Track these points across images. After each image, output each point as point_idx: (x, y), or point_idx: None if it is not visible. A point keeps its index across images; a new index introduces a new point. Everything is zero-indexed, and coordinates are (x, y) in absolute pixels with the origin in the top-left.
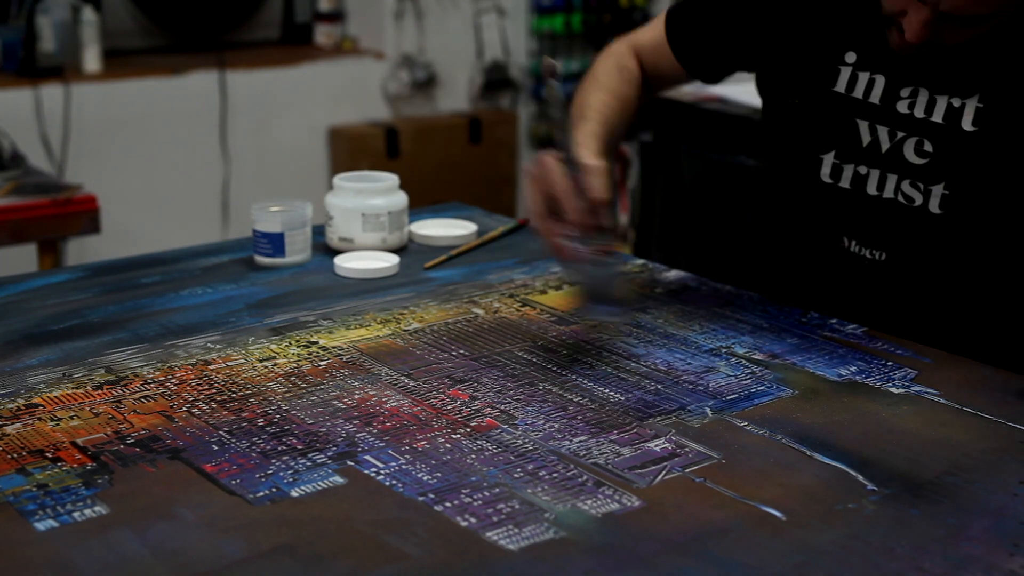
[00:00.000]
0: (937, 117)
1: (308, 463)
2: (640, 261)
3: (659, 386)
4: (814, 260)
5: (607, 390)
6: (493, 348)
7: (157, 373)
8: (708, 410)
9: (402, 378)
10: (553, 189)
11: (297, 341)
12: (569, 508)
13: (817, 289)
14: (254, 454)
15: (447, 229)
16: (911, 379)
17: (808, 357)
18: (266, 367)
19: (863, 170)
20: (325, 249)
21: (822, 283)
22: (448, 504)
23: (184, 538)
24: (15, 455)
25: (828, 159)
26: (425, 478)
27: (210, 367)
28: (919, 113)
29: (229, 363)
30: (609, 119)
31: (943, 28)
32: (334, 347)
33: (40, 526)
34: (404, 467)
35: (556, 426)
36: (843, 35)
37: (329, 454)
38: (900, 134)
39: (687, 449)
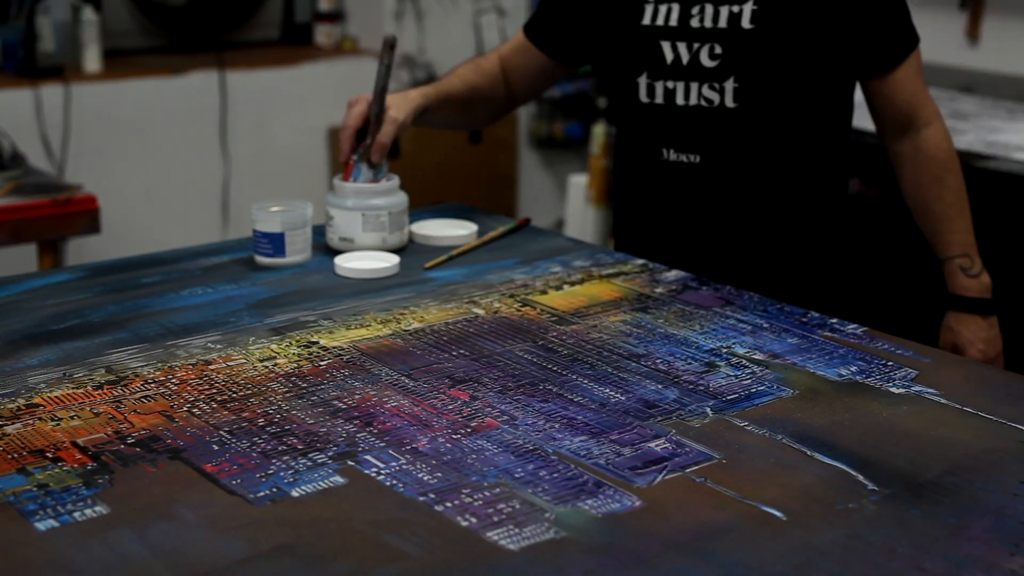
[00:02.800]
0: (722, 23)
1: (308, 463)
2: (640, 261)
3: (659, 386)
4: (640, 173)
5: (607, 390)
6: (493, 348)
7: (157, 373)
8: (708, 410)
9: (402, 378)
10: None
11: (297, 341)
12: (570, 508)
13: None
14: (254, 454)
15: (447, 229)
16: (911, 379)
17: (808, 357)
18: (266, 367)
19: (671, 84)
20: (325, 249)
21: (643, 193)
22: (448, 504)
23: (184, 538)
24: (15, 455)
25: (642, 81)
26: (425, 478)
27: (210, 367)
28: (708, 24)
29: (229, 363)
30: (447, 86)
31: None
32: (334, 347)
33: (40, 526)
34: (404, 467)
35: (556, 426)
36: None
37: (329, 454)
38: (695, 45)
39: (687, 449)
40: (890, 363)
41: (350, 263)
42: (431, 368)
